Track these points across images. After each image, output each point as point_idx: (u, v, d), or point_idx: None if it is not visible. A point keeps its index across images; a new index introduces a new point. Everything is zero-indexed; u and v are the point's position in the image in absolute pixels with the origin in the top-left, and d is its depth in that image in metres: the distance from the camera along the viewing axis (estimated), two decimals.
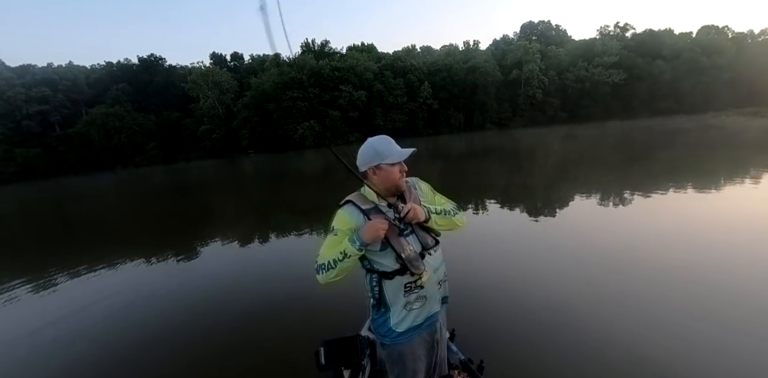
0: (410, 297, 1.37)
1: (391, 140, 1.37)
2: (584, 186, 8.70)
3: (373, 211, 1.35)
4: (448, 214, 1.43)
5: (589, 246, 4.74)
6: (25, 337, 3.59)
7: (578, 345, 2.67)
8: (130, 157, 44.51)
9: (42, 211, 15.39)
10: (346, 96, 44.39)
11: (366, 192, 1.40)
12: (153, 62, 52.04)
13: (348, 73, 46.11)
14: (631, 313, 2.99)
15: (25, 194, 25.60)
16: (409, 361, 1.41)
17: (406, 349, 1.41)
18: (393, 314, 1.39)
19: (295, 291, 3.82)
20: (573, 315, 3.05)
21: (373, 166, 1.34)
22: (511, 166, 14.35)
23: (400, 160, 1.33)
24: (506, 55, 53.21)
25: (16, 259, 7.40)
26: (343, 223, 1.33)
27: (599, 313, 3.06)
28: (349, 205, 1.37)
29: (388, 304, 1.39)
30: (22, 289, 5.08)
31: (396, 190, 1.38)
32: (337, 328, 2.24)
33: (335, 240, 1.30)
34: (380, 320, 1.43)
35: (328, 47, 54.41)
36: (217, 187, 17.56)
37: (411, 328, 1.40)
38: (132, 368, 2.81)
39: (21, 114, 45.80)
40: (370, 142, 1.37)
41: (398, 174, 1.35)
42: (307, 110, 43.62)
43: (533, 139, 28.25)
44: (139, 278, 5.07)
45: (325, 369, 1.50)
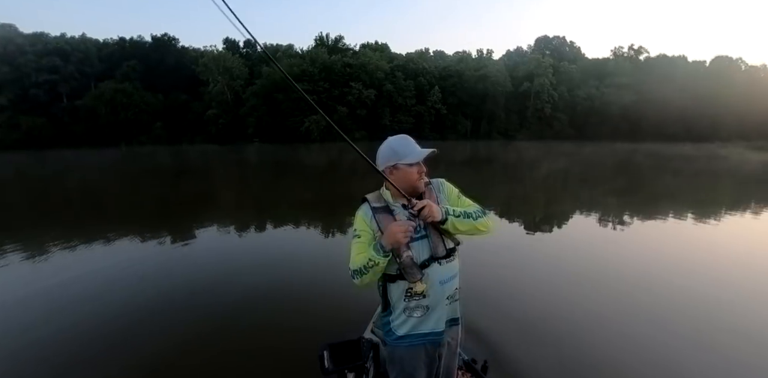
0: (410, 303, 1.36)
1: (411, 140, 1.37)
2: (587, 204, 9.06)
3: (381, 210, 1.35)
4: (470, 217, 1.37)
5: (592, 255, 5.18)
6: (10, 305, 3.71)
7: (581, 347, 2.76)
8: (135, 134, 44.96)
9: (42, 181, 15.88)
10: (355, 93, 45.09)
11: (383, 191, 1.42)
12: (166, 41, 52.44)
13: (359, 70, 46.76)
14: (632, 318, 3.16)
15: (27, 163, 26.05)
16: (407, 366, 1.41)
17: (405, 353, 1.41)
18: (394, 316, 1.41)
19: (296, 295, 3.81)
20: (576, 317, 3.18)
21: (390, 166, 1.34)
22: (513, 176, 14.94)
23: (418, 160, 1.32)
24: (518, 67, 54.00)
25: (10, 226, 7.53)
26: (362, 225, 1.34)
27: (602, 317, 3.20)
28: (365, 205, 1.39)
29: (391, 306, 1.41)
30: (14, 255, 5.27)
31: (413, 191, 1.35)
32: (340, 331, 2.35)
33: (360, 242, 1.31)
34: (384, 319, 1.45)
35: (341, 43, 54.95)
36: (219, 173, 18.02)
37: (411, 336, 1.39)
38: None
39: (29, 82, 46.13)
40: (388, 141, 1.37)
41: (416, 175, 1.34)
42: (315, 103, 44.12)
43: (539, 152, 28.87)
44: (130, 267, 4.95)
45: (330, 373, 1.50)
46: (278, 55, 50.13)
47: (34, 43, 49.24)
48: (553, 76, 51.22)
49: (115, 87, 45.32)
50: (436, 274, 1.34)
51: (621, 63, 55.21)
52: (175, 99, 47.68)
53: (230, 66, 46.91)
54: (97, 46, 52.08)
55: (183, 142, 44.70)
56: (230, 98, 46.47)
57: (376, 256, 1.22)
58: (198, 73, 46.49)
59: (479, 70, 51.76)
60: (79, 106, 45.88)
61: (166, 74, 49.45)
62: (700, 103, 48.18)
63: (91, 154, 32.39)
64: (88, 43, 51.91)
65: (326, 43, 53.40)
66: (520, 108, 52.20)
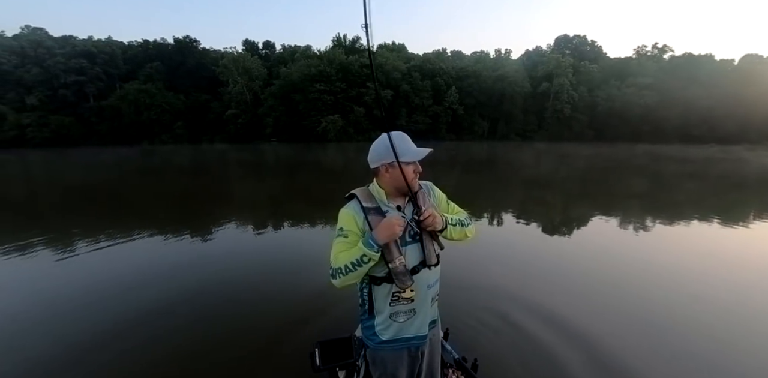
0: (397, 308, 1.35)
1: (408, 138, 1.33)
2: (596, 207, 8.80)
3: (373, 211, 1.32)
4: (463, 225, 1.42)
5: (586, 254, 5.23)
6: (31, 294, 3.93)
7: (571, 345, 2.82)
8: (157, 133, 46.96)
9: (68, 177, 16.89)
10: (372, 93, 45.75)
11: (374, 189, 1.37)
12: (187, 44, 54.51)
13: (376, 70, 47.35)
14: (623, 318, 3.27)
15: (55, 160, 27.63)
16: (390, 367, 1.43)
17: (387, 356, 1.42)
18: (378, 321, 1.39)
19: (288, 290, 3.81)
20: (567, 316, 3.25)
21: (386, 164, 1.30)
22: (526, 177, 15.31)
23: (416, 159, 1.31)
24: (537, 67, 54.00)
25: (36, 220, 7.76)
26: (350, 223, 1.31)
27: (593, 316, 3.30)
28: (354, 202, 1.35)
29: (375, 309, 1.38)
30: (40, 247, 5.51)
31: (407, 191, 1.33)
32: (331, 329, 2.35)
33: (346, 242, 1.28)
34: (366, 323, 1.43)
35: (359, 43, 56.00)
36: (229, 172, 18.51)
37: (395, 340, 1.39)
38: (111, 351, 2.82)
39: (58, 83, 48.68)
40: (384, 138, 1.30)
41: (412, 174, 1.32)
42: (332, 104, 45.28)
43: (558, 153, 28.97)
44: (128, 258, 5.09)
45: (320, 370, 1.52)
46: (296, 55, 51.48)
47: (63, 46, 51.94)
48: (573, 76, 51.08)
49: (138, 88, 47.49)
50: (424, 278, 1.36)
51: (644, 62, 54.63)
52: (195, 99, 49.56)
53: (249, 67, 48.52)
54: (122, 49, 54.55)
55: (203, 141, 46.44)
56: (249, 98, 48.00)
57: (369, 252, 1.20)
58: (218, 74, 48.24)
59: (497, 70, 52.10)
60: (104, 106, 48.20)
61: (188, 75, 51.43)
62: (727, 103, 47.23)
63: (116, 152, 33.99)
64: (114, 45, 54.41)
65: (343, 43, 54.60)
66: (538, 109, 52.17)
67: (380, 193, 1.35)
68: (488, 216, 7.61)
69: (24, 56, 49.54)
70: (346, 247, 1.28)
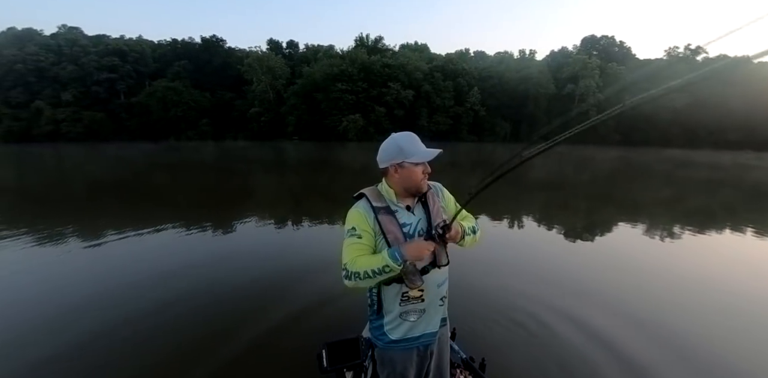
0: (406, 307, 1.37)
1: (417, 138, 1.33)
2: (612, 209, 8.99)
3: (383, 210, 1.32)
4: (474, 232, 1.44)
5: (598, 256, 5.30)
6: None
7: (579, 345, 2.82)
8: (183, 130, 48.62)
9: (100, 170, 17.75)
10: (393, 93, 46.23)
11: (383, 189, 1.38)
12: (214, 43, 56.16)
13: (398, 70, 47.92)
14: (631, 317, 3.29)
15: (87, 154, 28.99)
16: (398, 367, 1.44)
17: (396, 355, 1.43)
18: (387, 320, 1.40)
19: (295, 291, 3.81)
20: (575, 317, 3.25)
21: (396, 164, 1.30)
22: (544, 181, 15.23)
23: (425, 160, 1.30)
24: (562, 68, 53.18)
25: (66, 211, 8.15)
26: (362, 222, 1.30)
27: (603, 317, 3.29)
28: (363, 202, 1.36)
29: (384, 309, 1.39)
30: (72, 237, 5.82)
31: (416, 192, 1.35)
32: (338, 330, 2.35)
33: (361, 243, 1.28)
34: (375, 323, 1.44)
35: (381, 43, 56.46)
36: (254, 168, 19.00)
37: (404, 340, 1.40)
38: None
39: (91, 80, 51.01)
40: (394, 138, 1.32)
41: (421, 175, 1.32)
42: (353, 103, 45.81)
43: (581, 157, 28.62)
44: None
45: (328, 371, 1.54)
46: (319, 55, 52.31)
47: (96, 44, 54.42)
48: (599, 78, 50.09)
49: (166, 85, 49.28)
50: (434, 278, 1.37)
51: (675, 64, 52.84)
52: (220, 97, 51.03)
53: (273, 66, 49.63)
54: (152, 47, 56.74)
55: (227, 138, 47.77)
56: (272, 97, 49.05)
57: (393, 265, 1.19)
58: (243, 72, 49.51)
59: (521, 71, 51.59)
60: (134, 102, 50.26)
61: (213, 74, 53.00)
62: (765, 107, 45.38)
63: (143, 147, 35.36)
64: (144, 44, 56.63)
65: (366, 43, 55.14)
66: (562, 111, 51.22)
67: (389, 192, 1.35)
68: (499, 218, 7.60)
69: (60, 54, 52.18)
70: (361, 249, 1.28)
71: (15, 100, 49.46)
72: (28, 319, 3.28)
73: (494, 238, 5.96)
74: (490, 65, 54.93)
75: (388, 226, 1.30)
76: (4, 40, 53.14)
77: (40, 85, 50.37)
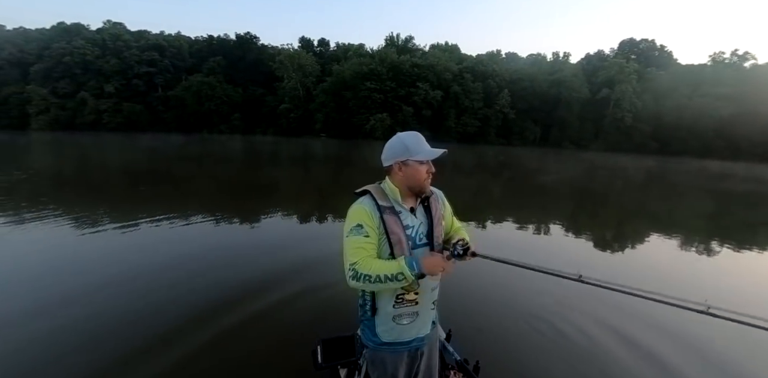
0: (400, 310, 1.38)
1: (422, 138, 1.36)
2: (619, 218, 8.89)
3: (389, 210, 1.32)
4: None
5: (599, 261, 5.38)
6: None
7: (573, 348, 2.88)
8: (215, 124, 50.72)
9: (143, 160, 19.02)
10: (421, 93, 46.54)
11: (387, 187, 1.38)
12: (248, 40, 58.12)
13: (427, 71, 48.18)
14: (625, 321, 3.34)
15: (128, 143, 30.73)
16: (389, 367, 1.45)
17: (388, 357, 1.44)
18: (379, 322, 1.41)
19: (292, 287, 3.81)
20: (569, 319, 3.29)
21: (400, 162, 1.32)
22: (573, 188, 15.07)
23: (429, 159, 1.33)
24: (597, 72, 51.97)
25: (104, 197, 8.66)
26: (369, 220, 1.29)
27: (595, 319, 3.35)
28: (368, 199, 1.35)
29: (377, 311, 1.39)
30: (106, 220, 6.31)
31: (419, 191, 1.37)
32: (334, 327, 2.37)
33: (368, 242, 1.27)
34: (368, 324, 1.45)
35: (411, 43, 56.87)
36: (282, 163, 19.81)
37: (396, 343, 1.42)
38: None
39: (132, 73, 53.88)
40: (399, 136, 1.35)
41: (425, 174, 1.34)
42: (381, 102, 46.41)
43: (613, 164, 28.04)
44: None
45: (322, 368, 1.53)
46: (349, 54, 53.22)
47: (138, 39, 57.31)
48: (637, 83, 48.65)
49: (201, 80, 51.51)
50: (429, 282, 1.39)
51: (720, 70, 50.79)
52: (252, 93, 52.82)
53: (304, 63, 50.92)
54: (189, 43, 59.34)
55: (256, 132, 49.42)
56: (302, 94, 50.33)
57: (409, 275, 1.19)
58: (274, 69, 51.09)
59: (553, 73, 50.81)
60: (170, 96, 52.81)
61: (246, 69, 54.87)
62: None
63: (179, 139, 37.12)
64: (182, 40, 59.28)
65: (396, 43, 55.68)
66: (596, 116, 50.19)
67: (394, 191, 1.35)
68: (500, 220, 7.68)
69: (105, 48, 55.26)
70: (369, 249, 1.27)
71: (62, 91, 52.83)
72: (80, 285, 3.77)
73: (493, 241, 5.99)
74: (522, 67, 54.33)
75: (392, 227, 1.29)
76: (55, 34, 56.80)
77: (85, 77, 53.58)
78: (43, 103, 51.47)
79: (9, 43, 55.90)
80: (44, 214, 6.48)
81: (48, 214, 6.48)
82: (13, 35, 58.25)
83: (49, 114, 51.36)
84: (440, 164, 1.36)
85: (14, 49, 55.45)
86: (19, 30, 59.61)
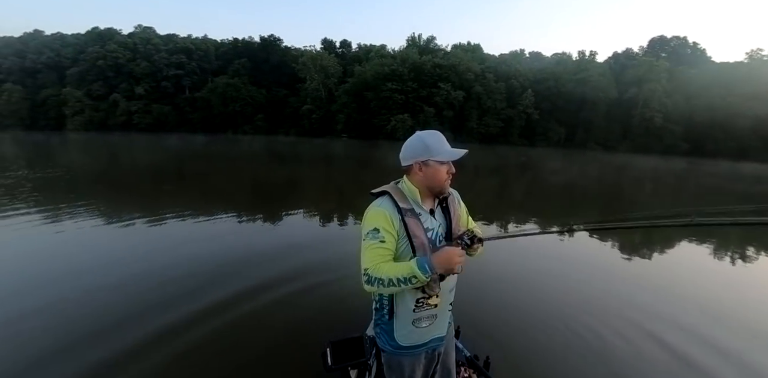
0: (420, 314, 1.36)
1: (443, 137, 1.34)
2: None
3: (410, 213, 1.29)
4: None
5: (601, 255, 5.54)
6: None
7: (583, 343, 2.90)
8: (240, 124, 52.43)
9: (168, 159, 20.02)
10: (443, 94, 46.72)
11: (405, 187, 1.35)
12: (271, 42, 59.70)
13: (449, 71, 48.34)
14: (634, 319, 3.38)
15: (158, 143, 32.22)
16: (407, 370, 1.45)
17: (405, 360, 1.44)
18: (398, 327, 1.39)
19: (299, 290, 3.84)
20: (580, 314, 3.36)
21: (420, 162, 1.30)
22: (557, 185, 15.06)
23: (451, 159, 1.30)
24: (625, 71, 51.04)
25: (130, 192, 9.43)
26: (388, 223, 1.26)
27: (605, 316, 3.40)
28: (387, 201, 1.31)
29: (396, 315, 1.38)
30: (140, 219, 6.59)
31: (439, 192, 1.35)
32: (342, 328, 2.41)
33: (384, 247, 1.24)
34: (385, 327, 1.42)
35: (433, 43, 57.20)
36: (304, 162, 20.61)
37: (414, 346, 1.42)
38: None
39: (161, 75, 56.32)
40: (419, 135, 1.33)
41: (445, 175, 1.32)
42: (402, 103, 46.90)
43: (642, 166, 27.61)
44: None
45: (333, 370, 1.56)
46: (371, 55, 54.00)
47: (167, 43, 59.80)
48: (667, 82, 47.49)
49: (226, 82, 53.26)
50: (448, 284, 1.39)
51: (757, 68, 49.00)
52: (275, 94, 54.31)
53: (326, 65, 51.91)
54: (215, 46, 61.48)
55: (279, 133, 50.76)
56: (324, 95, 51.36)
57: (421, 276, 1.17)
58: (297, 70, 52.28)
59: (579, 73, 50.10)
60: (197, 97, 54.90)
61: (270, 71, 56.44)
62: None
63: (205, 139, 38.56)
64: (208, 43, 61.50)
65: (418, 43, 56.12)
66: (623, 116, 49.24)
67: (413, 192, 1.32)
68: (511, 219, 7.82)
69: (136, 51, 57.91)
70: (384, 254, 1.24)
71: (96, 93, 55.64)
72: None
73: (504, 239, 6.07)
74: (546, 66, 53.80)
75: (414, 231, 1.27)
76: (89, 39, 59.87)
77: (117, 79, 56.27)
78: (78, 105, 54.39)
79: (47, 47, 59.32)
80: (72, 210, 7.09)
81: (77, 210, 7.08)
82: (51, 40, 61.68)
83: (84, 115, 54.22)
84: (459, 165, 1.35)
85: (52, 53, 58.80)
86: (56, 35, 63.03)
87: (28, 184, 9.79)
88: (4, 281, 3.93)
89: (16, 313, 3.22)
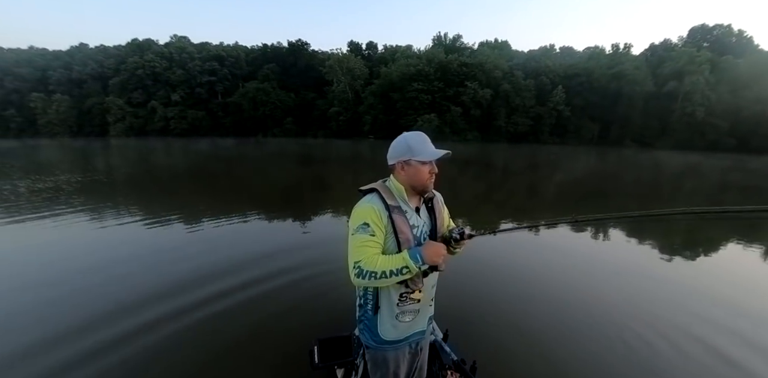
0: (404, 308, 1.43)
1: (427, 138, 1.40)
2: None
3: (396, 210, 1.36)
4: None
5: (589, 258, 5.43)
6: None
7: (570, 349, 2.93)
8: (270, 127, 54.83)
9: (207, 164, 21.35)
10: (470, 93, 46.78)
11: (393, 186, 1.42)
12: (299, 46, 61.87)
13: (476, 69, 48.38)
14: (626, 320, 3.40)
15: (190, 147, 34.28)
16: (392, 366, 1.50)
17: (390, 355, 1.49)
18: (382, 322, 1.45)
19: (289, 287, 3.90)
20: (566, 319, 3.37)
21: (403, 161, 1.37)
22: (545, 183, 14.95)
23: (432, 159, 1.35)
24: (664, 63, 49.21)
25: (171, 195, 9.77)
26: (377, 219, 1.32)
27: (592, 319, 3.42)
28: (376, 198, 1.38)
29: (380, 311, 1.43)
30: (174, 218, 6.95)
31: (422, 191, 1.42)
32: (330, 327, 2.42)
33: (374, 240, 1.30)
34: (369, 323, 1.48)
35: (459, 42, 57.43)
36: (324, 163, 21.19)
37: (397, 341, 1.48)
38: None
39: (195, 82, 59.52)
40: (404, 136, 1.40)
41: (427, 174, 1.38)
42: (428, 103, 47.42)
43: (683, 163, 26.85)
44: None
45: (319, 368, 1.55)
46: (397, 55, 54.93)
47: (200, 51, 63.05)
48: (710, 74, 45.49)
49: (256, 86, 55.69)
50: (430, 280, 1.48)
51: None
52: (303, 97, 56.29)
53: (352, 67, 53.24)
54: (245, 52, 64.27)
55: (308, 135, 52.57)
56: (351, 97, 52.72)
57: (413, 266, 1.25)
58: (324, 73, 53.88)
59: (613, 67, 48.89)
60: (229, 102, 57.71)
61: (298, 75, 58.57)
62: None
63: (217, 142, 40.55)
64: (239, 49, 64.36)
65: (444, 42, 56.54)
66: (662, 111, 47.53)
67: (400, 190, 1.40)
68: (494, 219, 7.63)
69: (171, 60, 61.43)
70: (375, 247, 1.30)
71: (135, 101, 59.53)
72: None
73: (492, 241, 5.88)
74: (578, 61, 52.81)
75: (401, 227, 1.35)
76: (129, 50, 64.08)
77: (155, 87, 59.96)
78: (120, 112, 58.41)
79: (91, 59, 64.11)
80: (72, 210, 7.66)
81: (77, 209, 7.68)
82: (95, 52, 66.55)
83: (125, 122, 58.20)
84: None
85: (96, 64, 63.46)
86: (99, 47, 67.94)
87: (69, 187, 10.57)
88: (54, 272, 4.47)
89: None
